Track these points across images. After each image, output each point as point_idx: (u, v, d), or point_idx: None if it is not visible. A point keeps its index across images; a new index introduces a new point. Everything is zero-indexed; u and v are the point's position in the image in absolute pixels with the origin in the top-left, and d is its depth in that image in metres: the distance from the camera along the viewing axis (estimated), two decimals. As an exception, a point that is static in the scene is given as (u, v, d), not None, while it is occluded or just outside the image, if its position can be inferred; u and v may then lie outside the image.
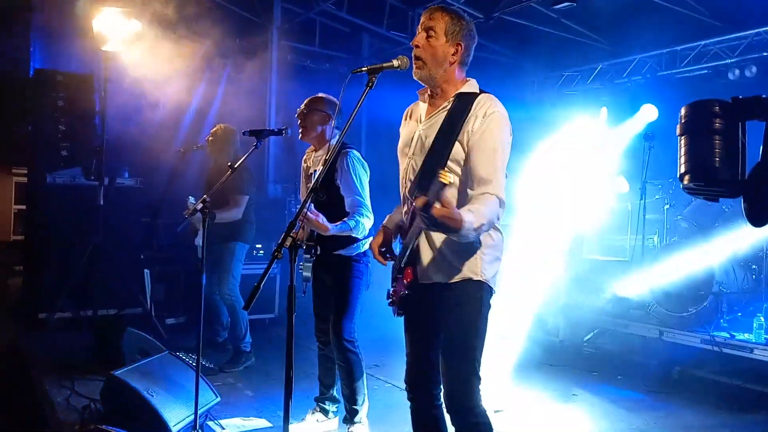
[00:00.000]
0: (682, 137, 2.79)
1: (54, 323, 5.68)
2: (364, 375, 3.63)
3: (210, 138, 5.20)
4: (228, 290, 5.04)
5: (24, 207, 9.25)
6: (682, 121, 2.80)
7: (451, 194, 2.26)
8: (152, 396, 3.36)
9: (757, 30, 6.40)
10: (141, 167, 6.61)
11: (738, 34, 6.59)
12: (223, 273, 5.05)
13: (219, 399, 3.80)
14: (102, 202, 5.84)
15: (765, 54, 6.47)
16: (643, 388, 4.93)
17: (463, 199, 2.30)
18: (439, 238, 2.36)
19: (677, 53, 7.17)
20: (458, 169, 2.33)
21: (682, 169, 2.78)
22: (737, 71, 6.65)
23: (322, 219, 3.28)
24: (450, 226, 1.98)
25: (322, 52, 8.22)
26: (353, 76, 2.36)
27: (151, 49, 6.27)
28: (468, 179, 2.31)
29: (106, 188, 5.94)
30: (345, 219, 3.42)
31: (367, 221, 3.48)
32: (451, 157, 2.31)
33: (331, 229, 3.33)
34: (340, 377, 3.64)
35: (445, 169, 1.93)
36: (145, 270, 6.28)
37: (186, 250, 5.81)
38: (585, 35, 7.46)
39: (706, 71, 7.06)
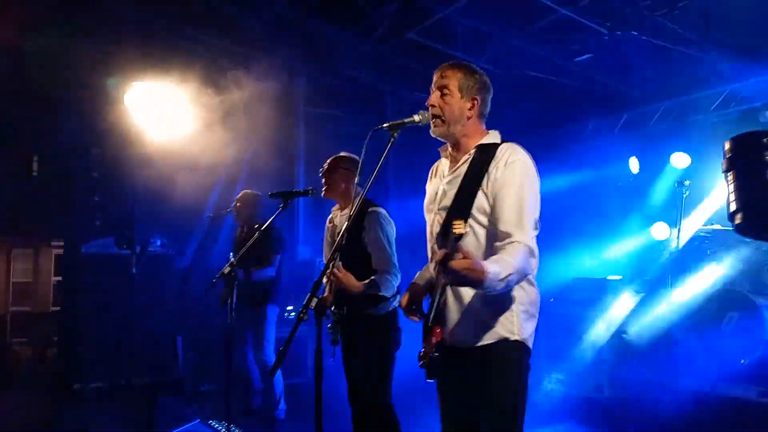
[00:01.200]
0: (729, 173, 2.63)
1: (88, 393, 5.67)
2: None
3: (236, 204, 5.27)
4: (264, 355, 4.99)
5: (60, 278, 9.46)
6: (728, 156, 2.64)
7: (473, 245, 2.22)
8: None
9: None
10: (172, 234, 6.71)
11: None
12: (258, 338, 5.01)
13: (252, 469, 3.70)
14: (135, 270, 5.91)
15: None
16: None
17: (491, 252, 2.21)
18: (469, 294, 2.26)
19: (701, 99, 7.10)
20: (484, 220, 2.25)
21: (732, 208, 2.61)
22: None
23: (351, 278, 3.24)
24: (472, 278, 1.91)
25: (347, 113, 8.38)
26: (375, 133, 2.38)
27: (181, 119, 6.45)
28: (496, 230, 2.22)
29: (138, 256, 6.03)
30: (373, 277, 3.38)
31: (395, 279, 3.43)
32: (474, 207, 2.25)
33: (360, 288, 3.29)
34: None
35: (461, 219, 1.87)
36: (178, 337, 6.27)
37: (218, 316, 5.80)
38: (608, 85, 7.46)
39: (736, 115, 6.96)
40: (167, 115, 6.07)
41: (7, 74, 6.67)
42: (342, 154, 3.80)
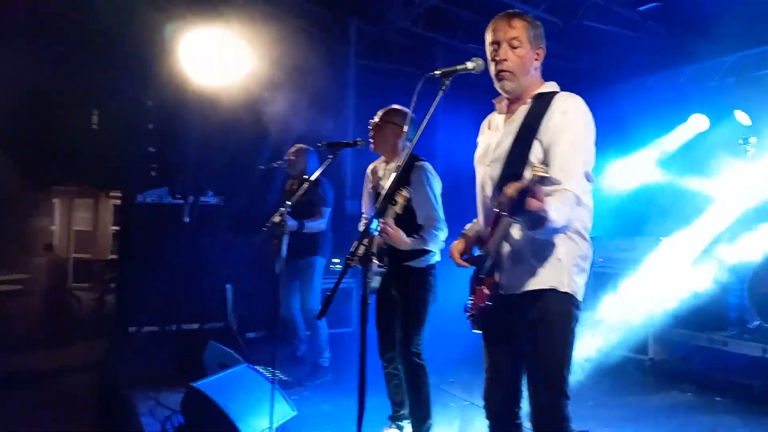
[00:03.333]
0: None
1: (142, 337, 5.92)
2: (429, 391, 3.51)
3: (289, 156, 5.31)
4: (309, 304, 5.08)
5: (119, 228, 9.80)
6: None
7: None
8: (229, 408, 3.39)
9: None
10: (224, 186, 6.83)
11: None
12: (304, 288, 5.11)
13: (296, 413, 3.80)
14: (187, 220, 6.06)
15: None
16: (744, 411, 4.52)
17: None
18: (522, 245, 2.22)
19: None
20: None
21: None
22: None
23: (401, 234, 3.25)
24: (541, 218, 1.87)
25: (397, 69, 8.26)
26: (426, 83, 2.32)
27: (234, 70, 6.47)
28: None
29: (191, 206, 6.16)
30: (421, 233, 3.37)
31: (441, 233, 3.42)
32: (531, 155, 2.19)
33: (409, 243, 3.29)
34: (407, 392, 3.54)
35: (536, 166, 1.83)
36: (227, 285, 6.44)
37: (267, 265, 5.92)
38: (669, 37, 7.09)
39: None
40: (221, 66, 6.09)
41: (68, 30, 6.83)
42: (393, 106, 3.74)
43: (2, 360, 5.56)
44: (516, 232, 2.23)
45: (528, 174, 1.79)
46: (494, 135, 2.39)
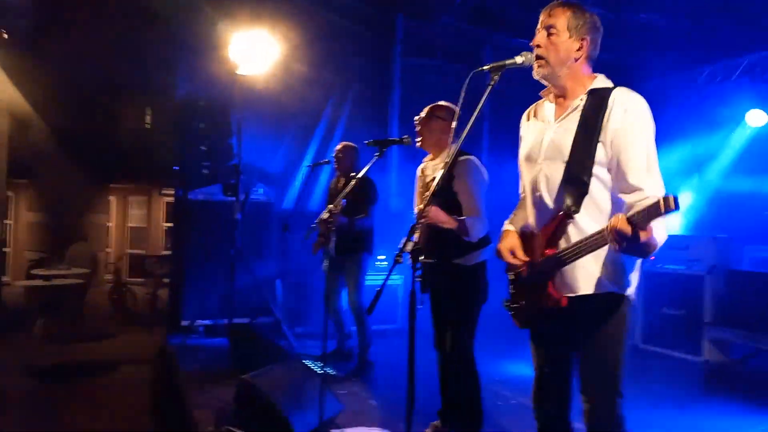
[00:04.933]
0: None
1: (195, 330, 6.09)
2: (479, 392, 3.48)
3: (337, 154, 5.37)
4: (357, 300, 5.14)
5: (171, 224, 10.08)
6: None
7: (594, 202, 2.15)
8: (280, 401, 3.46)
9: None
10: (274, 183, 6.96)
11: None
12: (351, 284, 5.16)
13: (343, 407, 3.85)
14: (238, 217, 6.19)
15: None
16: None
17: (616, 209, 2.13)
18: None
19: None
20: (604, 172, 2.14)
21: None
22: None
23: (441, 212, 3.23)
24: (650, 245, 1.87)
25: (444, 66, 8.23)
26: (474, 78, 2.28)
27: (282, 70, 6.58)
28: (620, 182, 2.12)
29: (242, 203, 6.29)
30: (463, 217, 3.34)
31: (482, 224, 3.37)
32: (596, 159, 2.13)
33: (450, 221, 3.27)
34: (456, 392, 3.53)
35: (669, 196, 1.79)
36: (277, 281, 6.56)
37: (316, 261, 6.02)
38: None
39: None
40: (269, 64, 6.19)
41: (123, 29, 7.06)
42: (440, 102, 3.72)
43: (65, 352, 5.80)
44: (574, 232, 2.17)
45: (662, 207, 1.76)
46: (545, 130, 2.31)
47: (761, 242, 6.54)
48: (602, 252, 2.13)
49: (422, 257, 2.25)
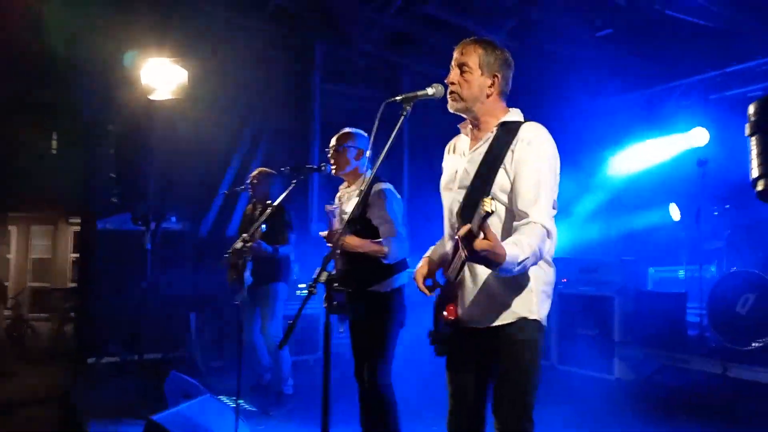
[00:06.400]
0: (754, 137, 2.53)
1: (102, 368, 5.75)
2: (396, 422, 3.41)
3: (252, 180, 5.26)
4: (271, 332, 4.99)
5: (78, 255, 9.57)
6: (753, 119, 2.54)
7: (494, 225, 2.17)
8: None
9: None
10: (187, 211, 6.73)
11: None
12: (266, 314, 5.02)
13: (261, 444, 3.71)
14: (149, 246, 5.92)
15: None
16: (708, 429, 4.58)
17: (510, 230, 2.19)
18: (487, 272, 2.22)
19: (727, 75, 6.90)
20: (504, 198, 2.22)
21: (755, 173, 2.50)
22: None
23: (354, 238, 3.22)
24: (491, 260, 1.89)
25: (362, 92, 8.31)
26: (390, 109, 2.33)
27: (197, 96, 6.42)
28: (514, 209, 2.20)
29: (153, 232, 6.03)
30: (379, 239, 3.31)
31: (399, 244, 3.33)
32: (495, 186, 2.21)
33: (365, 245, 3.25)
34: (373, 422, 3.47)
35: (489, 197, 1.82)
36: (191, 313, 6.31)
37: (231, 292, 5.83)
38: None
39: (761, 92, 6.75)
40: (182, 91, 6.02)
41: (28, 52, 6.70)
42: (347, 130, 3.71)
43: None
44: None
45: (483, 208, 1.77)
46: (460, 161, 2.40)
47: (661, 264, 6.94)
48: (514, 281, 2.19)
49: (336, 285, 2.23)
